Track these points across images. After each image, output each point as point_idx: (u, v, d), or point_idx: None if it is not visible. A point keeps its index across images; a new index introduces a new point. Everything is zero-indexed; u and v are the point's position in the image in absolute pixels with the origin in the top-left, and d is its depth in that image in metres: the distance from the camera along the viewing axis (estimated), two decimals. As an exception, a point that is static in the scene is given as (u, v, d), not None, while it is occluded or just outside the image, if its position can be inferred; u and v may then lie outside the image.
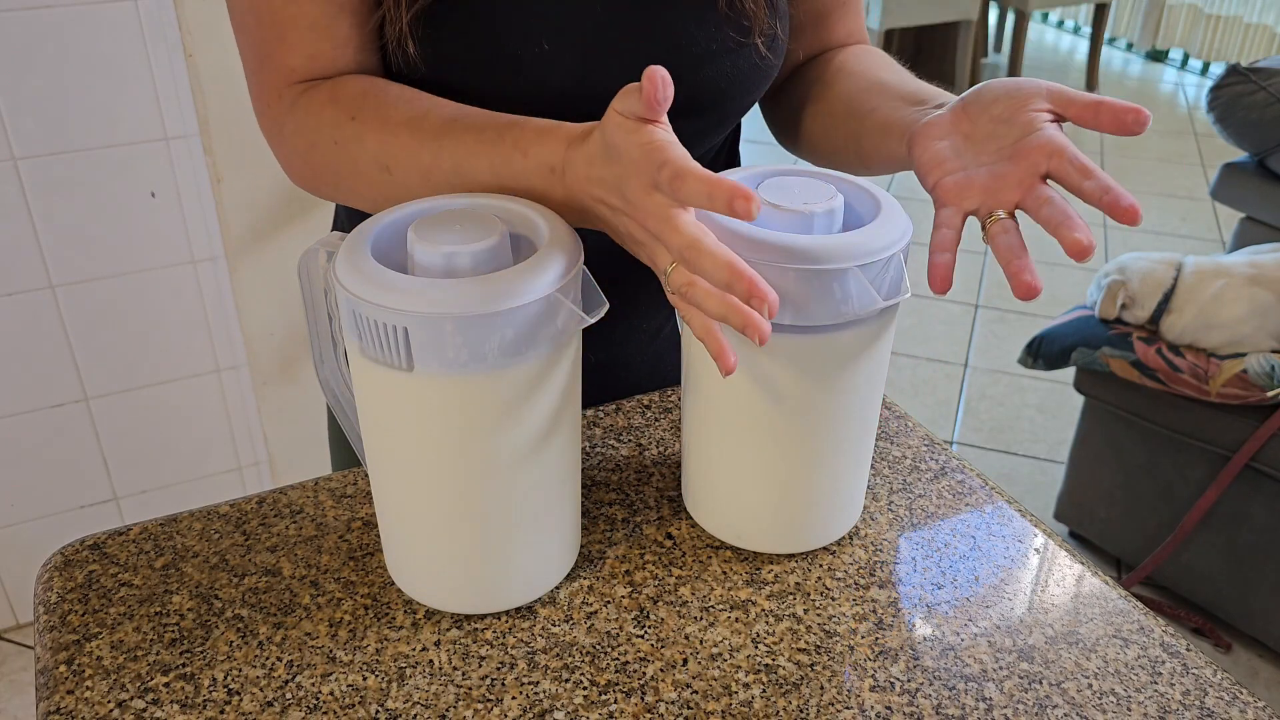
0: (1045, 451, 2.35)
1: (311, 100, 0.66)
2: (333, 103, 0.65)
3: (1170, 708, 0.56)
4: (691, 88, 0.70)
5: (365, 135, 0.64)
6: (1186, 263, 1.76)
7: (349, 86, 0.66)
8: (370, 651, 0.57)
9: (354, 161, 0.65)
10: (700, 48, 0.69)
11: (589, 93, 0.68)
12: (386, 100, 0.65)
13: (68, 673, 0.56)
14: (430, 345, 0.50)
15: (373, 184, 0.65)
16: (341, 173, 0.66)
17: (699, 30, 0.69)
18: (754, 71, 0.72)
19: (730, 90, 0.72)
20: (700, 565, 0.64)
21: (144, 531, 0.66)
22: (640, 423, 0.76)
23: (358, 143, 0.64)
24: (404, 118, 0.64)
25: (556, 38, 0.66)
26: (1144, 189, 3.68)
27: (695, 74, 0.70)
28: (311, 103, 0.66)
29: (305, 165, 0.68)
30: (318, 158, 0.67)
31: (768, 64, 0.73)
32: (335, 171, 0.67)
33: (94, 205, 1.52)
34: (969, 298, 2.96)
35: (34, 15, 1.38)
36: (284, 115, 0.67)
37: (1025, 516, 0.69)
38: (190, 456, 1.77)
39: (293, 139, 0.68)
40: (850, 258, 0.54)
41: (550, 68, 0.66)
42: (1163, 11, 5.02)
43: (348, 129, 0.65)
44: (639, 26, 0.68)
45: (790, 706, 0.55)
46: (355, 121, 0.64)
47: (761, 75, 0.73)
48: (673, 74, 0.69)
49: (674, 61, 0.69)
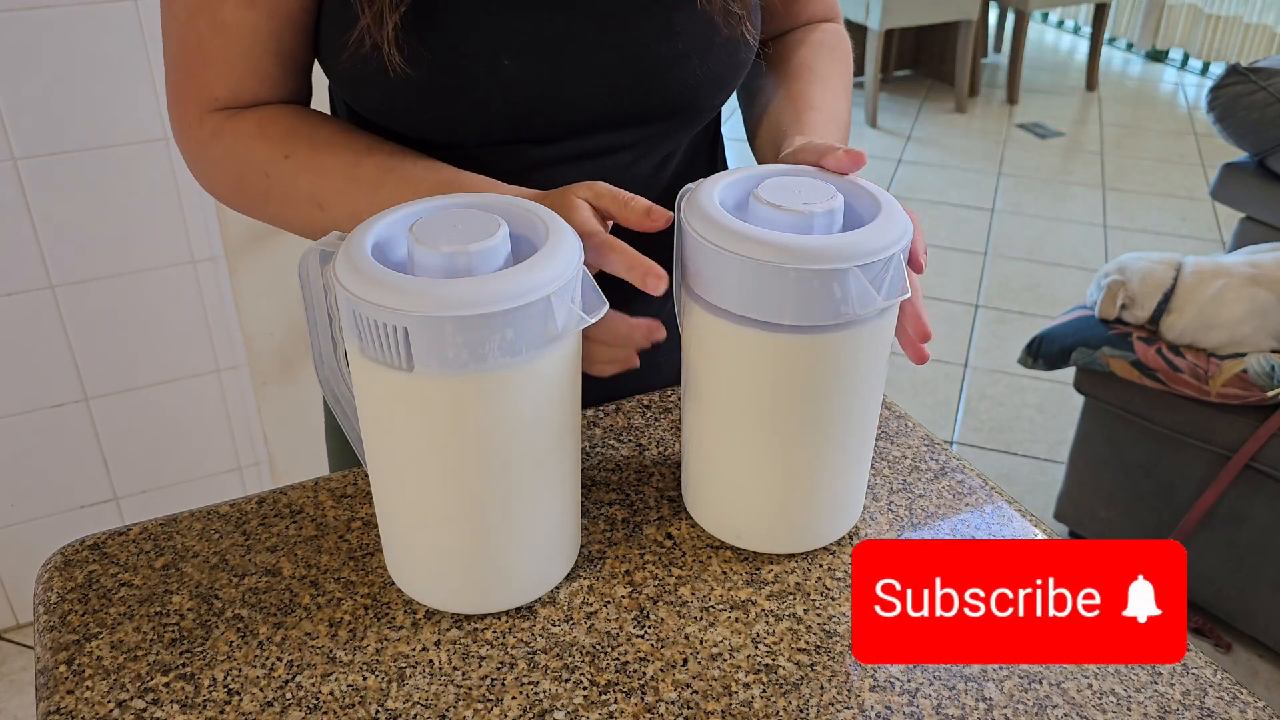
0: (1045, 451, 2.35)
1: (239, 132, 0.68)
2: (263, 139, 0.67)
3: (1170, 708, 0.56)
4: (660, 93, 0.70)
5: (299, 175, 0.66)
6: (1186, 263, 1.76)
7: (278, 123, 0.68)
8: (370, 651, 0.57)
9: (286, 194, 0.67)
10: (667, 53, 0.68)
11: (551, 107, 0.68)
12: (318, 142, 0.67)
13: (68, 673, 0.56)
14: (430, 345, 0.50)
15: (305, 216, 0.67)
16: (272, 199, 0.68)
17: (664, 37, 0.68)
18: (725, 70, 0.72)
19: (701, 90, 0.71)
20: (700, 565, 0.64)
21: (144, 531, 0.66)
22: (640, 423, 0.76)
23: (291, 181, 0.67)
24: (339, 164, 0.66)
25: (517, 55, 0.65)
26: (1144, 189, 3.68)
27: (663, 79, 0.69)
28: (239, 134, 0.68)
29: (233, 191, 0.71)
30: (248, 185, 0.69)
31: (738, 61, 0.72)
32: (264, 198, 0.69)
33: (94, 205, 1.52)
34: (969, 298, 2.96)
35: (34, 15, 1.38)
36: (208, 140, 0.69)
37: (1025, 516, 0.69)
38: (190, 456, 1.77)
39: (219, 164, 0.69)
40: (851, 258, 0.54)
41: (511, 85, 0.66)
42: (1163, 11, 5.02)
43: (281, 166, 0.67)
44: (601, 38, 0.67)
45: (790, 706, 0.55)
46: (289, 160, 0.67)
47: (732, 73, 0.73)
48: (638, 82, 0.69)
49: (639, 69, 0.68)
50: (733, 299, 0.56)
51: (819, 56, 0.80)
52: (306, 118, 0.69)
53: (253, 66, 0.67)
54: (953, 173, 3.76)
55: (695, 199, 0.58)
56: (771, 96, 0.78)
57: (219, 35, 0.66)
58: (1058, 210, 3.50)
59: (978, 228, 3.32)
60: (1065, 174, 3.81)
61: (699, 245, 0.56)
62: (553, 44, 0.66)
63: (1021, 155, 3.93)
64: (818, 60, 0.79)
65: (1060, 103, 4.52)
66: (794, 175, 0.61)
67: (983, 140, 4.06)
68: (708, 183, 0.60)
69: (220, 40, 0.66)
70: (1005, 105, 4.44)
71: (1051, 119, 4.31)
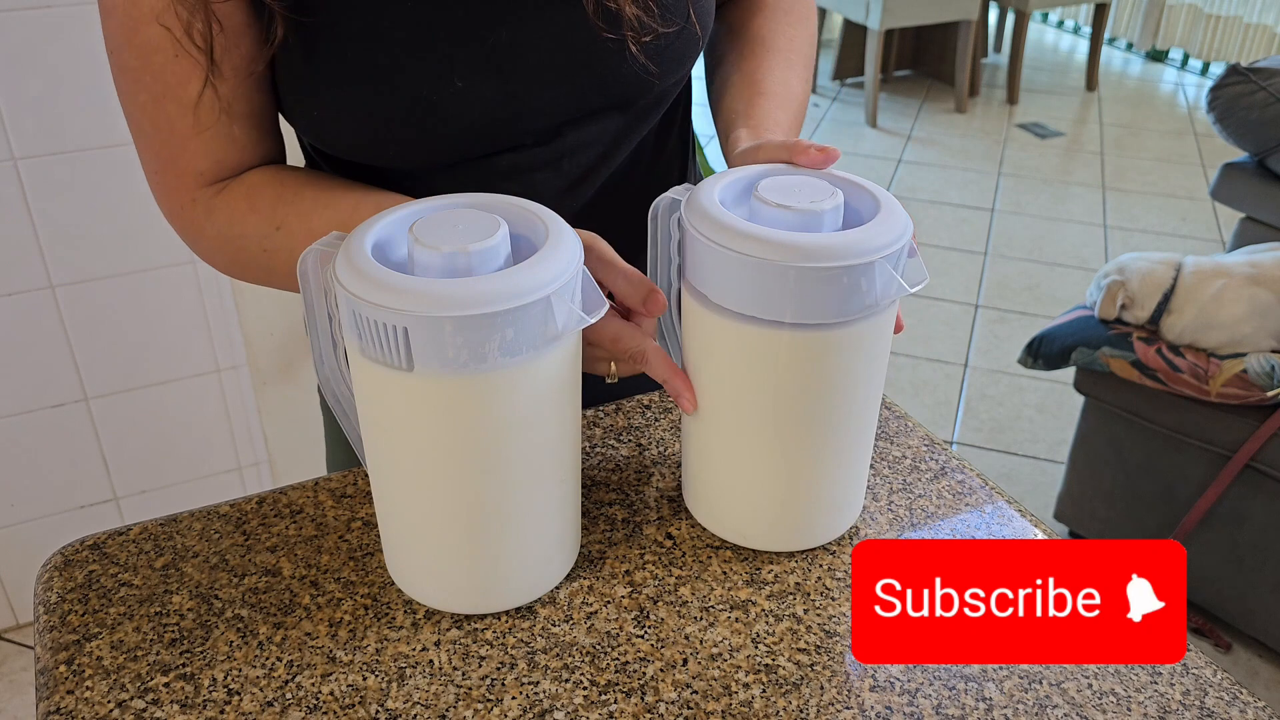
0: (1045, 451, 2.35)
1: (230, 207, 0.68)
2: (253, 211, 0.68)
3: (1170, 708, 0.56)
4: (617, 84, 0.69)
5: (295, 244, 0.67)
6: (1186, 263, 1.76)
7: (264, 193, 0.68)
8: (370, 651, 0.57)
9: (286, 264, 0.67)
10: (614, 45, 0.67)
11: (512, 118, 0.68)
12: (304, 207, 0.67)
13: (68, 673, 0.56)
14: (430, 345, 0.50)
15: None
16: (276, 272, 0.69)
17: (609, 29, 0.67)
18: (680, 46, 0.70)
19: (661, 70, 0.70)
20: (700, 565, 0.64)
21: (144, 531, 0.66)
22: (640, 423, 0.76)
23: (289, 252, 0.67)
24: (328, 223, 0.66)
25: (467, 75, 0.65)
26: (1144, 189, 3.68)
27: (619, 69, 0.68)
28: (232, 210, 0.68)
29: (233, 265, 0.71)
30: (246, 259, 0.70)
31: (691, 35, 0.71)
32: (269, 271, 0.70)
33: (94, 205, 1.52)
34: (969, 298, 2.96)
35: (34, 15, 1.38)
36: (202, 221, 0.69)
37: (1025, 516, 0.69)
38: (190, 456, 1.77)
39: (216, 243, 0.70)
40: (856, 255, 0.54)
41: (467, 104, 0.66)
42: (1163, 11, 5.02)
43: (276, 239, 0.67)
44: (551, 44, 0.66)
45: (790, 706, 0.55)
46: (281, 232, 0.67)
47: (686, 47, 0.71)
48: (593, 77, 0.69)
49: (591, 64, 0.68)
50: (736, 298, 0.56)
51: (775, 24, 0.79)
52: (290, 180, 0.69)
53: (227, 136, 0.67)
54: (953, 173, 3.76)
55: (695, 199, 0.58)
56: (729, 74, 0.77)
57: (188, 114, 0.65)
58: (1058, 210, 3.50)
59: (977, 228, 3.32)
60: (1065, 174, 3.81)
61: (702, 244, 0.56)
62: (500, 58, 0.66)
63: (1021, 155, 3.93)
64: (775, 29, 0.78)
65: (1060, 103, 4.52)
66: (793, 174, 0.61)
67: (983, 140, 4.06)
68: (706, 184, 0.60)
69: (191, 119, 0.65)
70: (1005, 105, 4.44)
71: (1051, 119, 4.31)
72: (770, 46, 0.77)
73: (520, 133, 0.69)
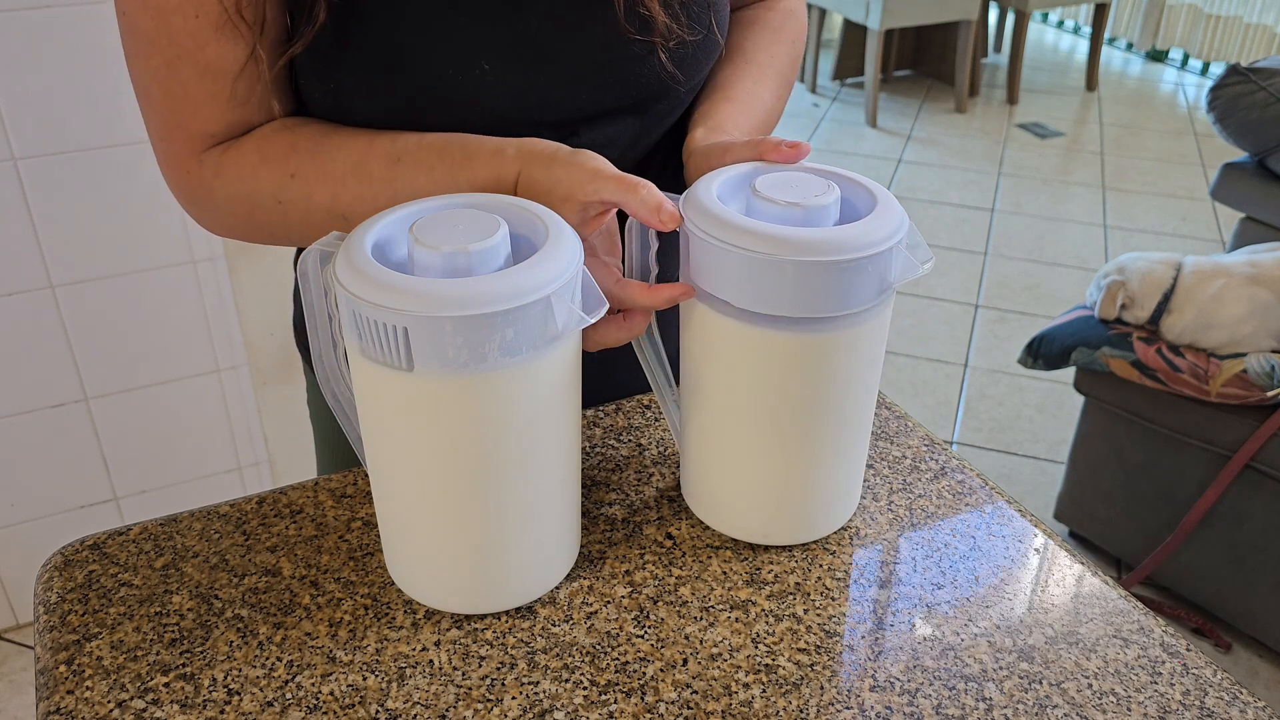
0: (1045, 451, 2.35)
1: (240, 164, 0.66)
2: (265, 163, 0.66)
3: (1170, 708, 0.56)
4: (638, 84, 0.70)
5: (312, 192, 0.65)
6: (1186, 263, 1.76)
7: (275, 143, 0.66)
8: (370, 651, 0.57)
9: (305, 215, 0.66)
10: (640, 48, 0.68)
11: (532, 108, 0.68)
12: (320, 151, 0.65)
13: (68, 673, 0.56)
14: (430, 345, 0.50)
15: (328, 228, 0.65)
16: (292, 226, 0.67)
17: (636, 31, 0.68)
18: (699, 53, 0.71)
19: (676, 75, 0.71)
20: (700, 565, 0.64)
21: (144, 531, 0.66)
22: (640, 423, 0.76)
23: (306, 200, 0.65)
24: (346, 167, 0.64)
25: (496, 58, 0.65)
26: (1144, 189, 3.69)
27: (641, 71, 0.69)
28: (241, 166, 0.66)
29: (246, 225, 0.69)
30: (261, 217, 0.67)
31: (711, 41, 0.72)
32: (284, 226, 0.67)
33: (94, 205, 1.52)
34: (969, 298, 2.96)
35: (34, 15, 1.38)
36: (211, 181, 0.67)
37: (1025, 516, 0.69)
38: (190, 456, 1.77)
39: (228, 205, 0.68)
40: (855, 249, 0.55)
41: (489, 89, 0.66)
42: (1163, 11, 5.02)
43: (291, 188, 0.65)
44: (578, 38, 0.67)
45: (790, 706, 0.55)
46: (296, 179, 0.65)
47: (705, 53, 0.72)
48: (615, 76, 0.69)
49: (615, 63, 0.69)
50: (735, 293, 0.57)
51: (760, 40, 0.79)
52: (302, 127, 0.67)
53: (245, 98, 0.65)
54: (952, 173, 3.76)
55: (694, 196, 0.59)
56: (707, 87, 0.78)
57: (205, 77, 0.63)
58: (1057, 210, 3.50)
59: (977, 228, 3.32)
60: (1065, 174, 3.81)
61: (700, 241, 0.57)
62: (528, 46, 0.66)
63: (1021, 155, 3.93)
64: (758, 44, 0.79)
65: (1060, 103, 4.52)
66: (789, 170, 0.62)
67: (983, 140, 4.06)
68: (703, 181, 0.60)
69: (208, 82, 0.64)
70: (1005, 105, 4.44)
71: (1051, 119, 4.31)
72: (749, 59, 0.78)
73: (536, 126, 0.69)
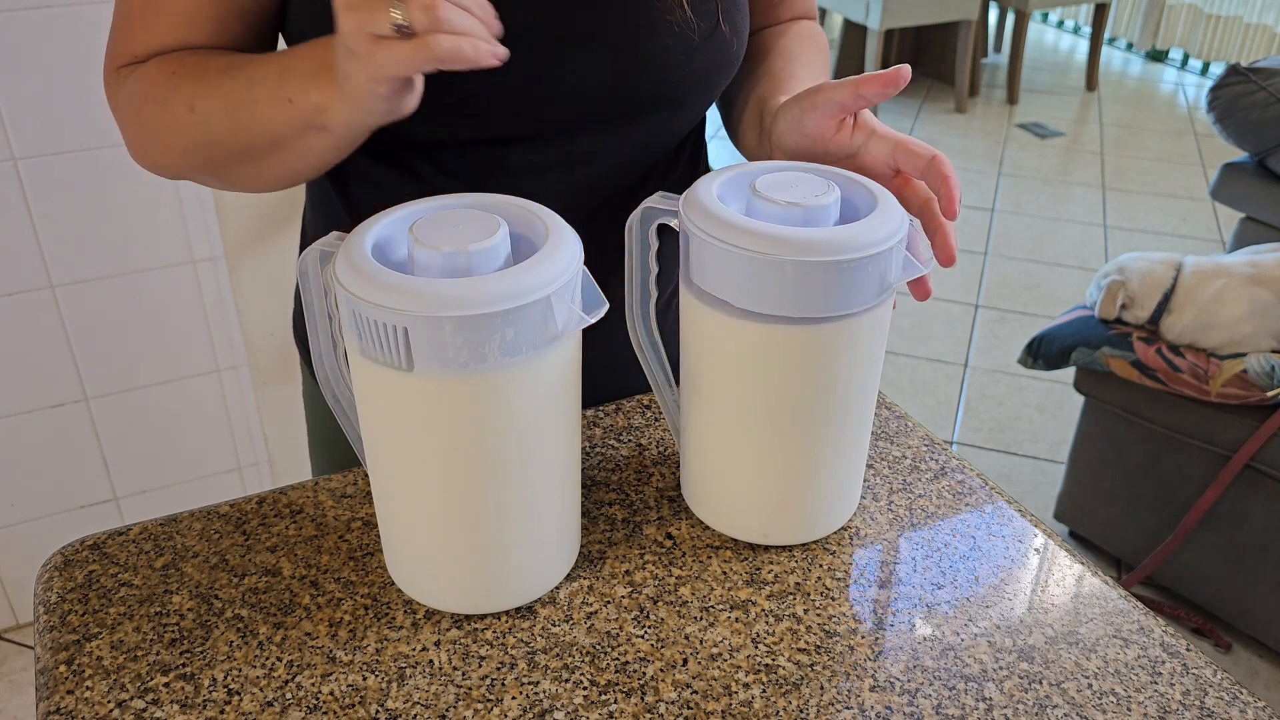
0: (1045, 451, 2.35)
1: (145, 67, 0.67)
2: (159, 63, 0.67)
3: (1170, 708, 0.56)
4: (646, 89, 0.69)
5: (180, 84, 0.65)
6: (1186, 263, 1.76)
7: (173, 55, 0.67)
8: (370, 651, 0.57)
9: (171, 111, 0.66)
10: (654, 49, 0.68)
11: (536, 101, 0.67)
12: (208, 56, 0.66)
13: (68, 673, 0.56)
14: (430, 345, 0.50)
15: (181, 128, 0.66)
16: (162, 128, 0.67)
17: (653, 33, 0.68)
18: (711, 68, 0.71)
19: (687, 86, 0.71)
20: (700, 565, 0.64)
21: (144, 531, 0.66)
22: (640, 423, 0.76)
23: (174, 92, 0.65)
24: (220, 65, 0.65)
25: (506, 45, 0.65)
26: (1144, 189, 3.68)
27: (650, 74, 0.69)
28: (145, 69, 0.67)
29: (135, 129, 0.69)
30: (144, 117, 0.68)
31: (726, 59, 0.72)
32: (156, 129, 0.67)
33: (94, 205, 1.52)
34: (969, 298, 2.96)
35: (34, 15, 1.38)
36: (117, 92, 0.69)
37: (1025, 516, 0.69)
38: (190, 456, 1.77)
39: (125, 106, 0.69)
40: (856, 249, 0.55)
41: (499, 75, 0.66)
42: (1163, 11, 5.02)
43: (168, 84, 0.66)
44: (591, 31, 0.67)
45: (790, 706, 0.55)
46: (175, 75, 0.66)
47: (719, 70, 0.72)
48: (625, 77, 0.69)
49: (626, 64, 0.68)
50: (735, 293, 0.57)
51: (800, 44, 0.81)
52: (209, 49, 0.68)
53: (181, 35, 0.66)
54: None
55: (694, 196, 0.59)
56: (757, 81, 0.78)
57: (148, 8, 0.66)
58: (1058, 210, 3.50)
59: (978, 228, 3.32)
60: (1065, 174, 3.81)
61: (700, 240, 0.57)
62: (541, 36, 0.66)
63: (1021, 155, 3.93)
64: (799, 47, 0.80)
65: (1060, 103, 4.52)
66: (788, 171, 0.62)
67: (983, 140, 4.06)
68: (703, 181, 0.61)
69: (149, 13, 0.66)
70: (1005, 105, 4.44)
71: (1051, 119, 4.31)
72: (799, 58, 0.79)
73: (538, 121, 0.69)
